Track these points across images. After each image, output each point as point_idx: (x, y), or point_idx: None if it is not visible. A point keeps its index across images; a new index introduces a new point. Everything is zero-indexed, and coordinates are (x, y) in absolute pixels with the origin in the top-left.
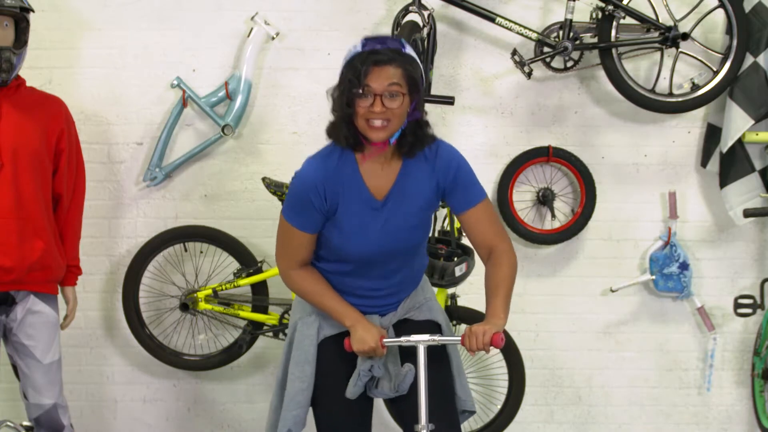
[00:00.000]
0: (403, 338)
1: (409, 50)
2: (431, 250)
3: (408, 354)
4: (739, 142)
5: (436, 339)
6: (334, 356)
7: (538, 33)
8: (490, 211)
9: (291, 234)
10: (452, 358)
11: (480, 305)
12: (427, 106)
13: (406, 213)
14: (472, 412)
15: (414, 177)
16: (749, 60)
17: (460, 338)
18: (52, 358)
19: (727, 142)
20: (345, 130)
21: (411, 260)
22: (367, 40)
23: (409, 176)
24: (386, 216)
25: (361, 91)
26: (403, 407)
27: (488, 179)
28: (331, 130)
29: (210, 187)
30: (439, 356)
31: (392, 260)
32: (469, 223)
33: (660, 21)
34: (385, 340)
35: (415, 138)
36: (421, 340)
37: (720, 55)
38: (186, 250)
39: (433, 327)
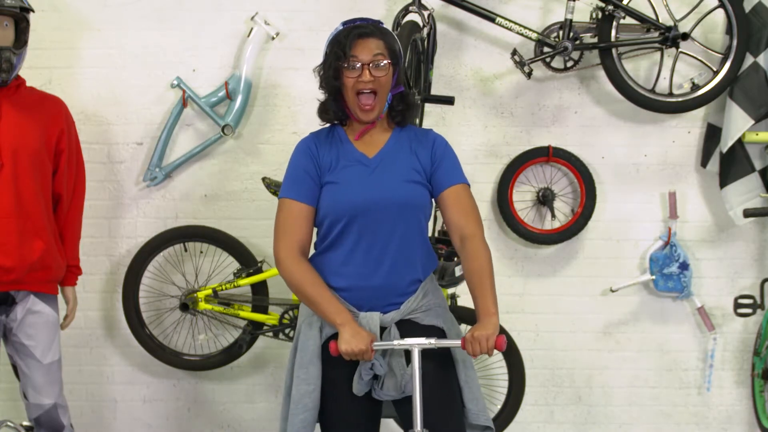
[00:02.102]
0: (396, 341)
1: (386, 27)
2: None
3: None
4: (739, 142)
5: (432, 342)
6: (339, 357)
7: (538, 33)
8: (469, 199)
9: (288, 209)
10: (460, 369)
11: None
12: (427, 106)
13: (397, 168)
14: (488, 428)
15: (404, 144)
16: (749, 60)
17: (459, 342)
18: (52, 358)
19: (727, 142)
20: (333, 106)
21: (408, 229)
22: (348, 20)
23: (400, 143)
24: (377, 168)
25: (347, 63)
26: (407, 410)
27: (488, 179)
28: (321, 109)
29: (210, 187)
30: (444, 363)
31: (386, 216)
32: (446, 203)
33: (660, 21)
34: (375, 343)
35: (405, 105)
36: (416, 344)
37: (720, 55)
38: (186, 250)
39: (438, 333)
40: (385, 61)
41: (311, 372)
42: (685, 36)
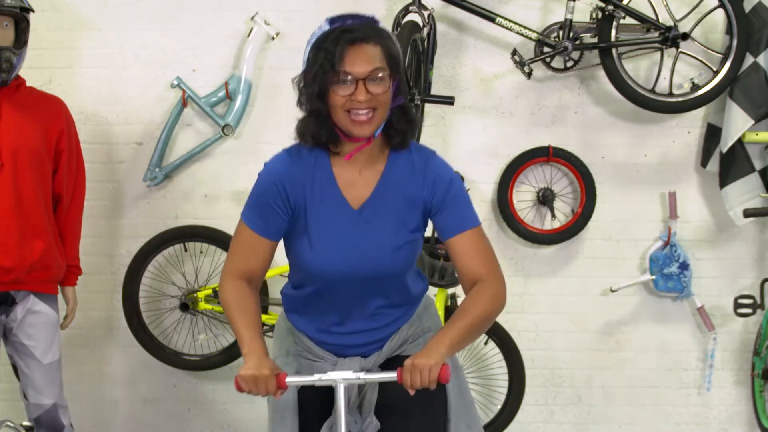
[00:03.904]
0: (315, 376)
1: (383, 25)
2: (431, 250)
3: (386, 392)
4: (739, 142)
5: (361, 376)
6: (317, 404)
7: (538, 33)
8: (484, 242)
9: (244, 236)
10: (452, 399)
11: None
12: (427, 106)
13: (385, 229)
14: None
15: (398, 186)
16: (749, 60)
17: (395, 374)
18: (52, 358)
19: (727, 142)
20: (315, 127)
21: (394, 293)
22: (335, 18)
23: (392, 184)
24: (362, 229)
25: (337, 78)
26: None
27: (488, 179)
28: (301, 131)
29: (210, 187)
30: (427, 399)
31: (368, 289)
32: (456, 251)
33: (660, 21)
34: (288, 378)
35: (406, 124)
36: (340, 378)
37: (720, 55)
38: (186, 250)
39: None
40: (385, 74)
41: (287, 418)
42: (685, 36)
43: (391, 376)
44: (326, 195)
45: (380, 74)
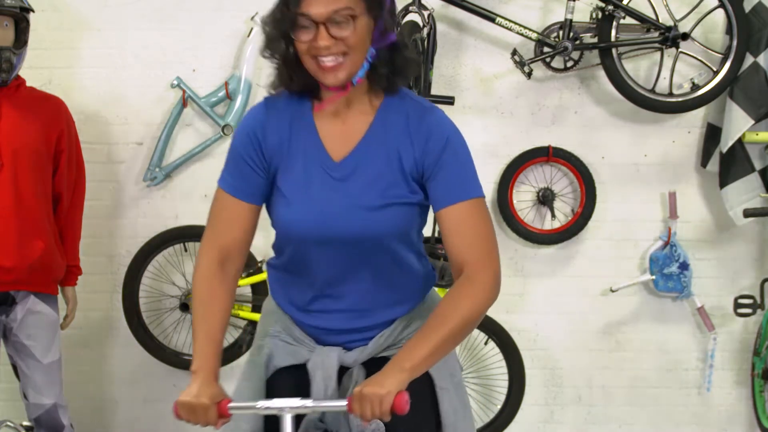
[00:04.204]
0: (260, 403)
1: None
2: (431, 250)
3: None
4: (739, 142)
5: (309, 405)
6: (288, 395)
7: (538, 33)
8: (477, 219)
9: (220, 202)
10: (445, 412)
11: None
12: None
13: (367, 186)
14: None
15: (387, 140)
16: (749, 60)
17: (345, 403)
18: (52, 358)
19: (727, 142)
20: (287, 74)
21: (383, 270)
22: None
23: (381, 138)
24: (340, 184)
25: (296, 21)
26: None
27: (488, 179)
28: (282, 78)
29: (210, 187)
30: (421, 416)
31: (349, 259)
32: (443, 228)
33: (660, 21)
34: (231, 405)
35: (393, 67)
36: (286, 407)
37: (720, 55)
38: (186, 250)
39: (419, 379)
40: (350, 15)
41: (241, 428)
42: (685, 36)
43: (341, 404)
44: (305, 146)
45: (346, 14)
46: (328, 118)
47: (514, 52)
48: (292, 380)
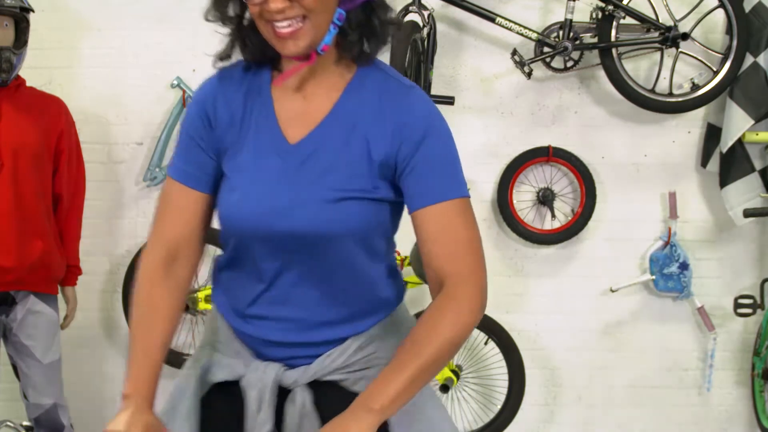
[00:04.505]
0: None
1: None
2: None
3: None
4: (739, 142)
5: None
6: (222, 415)
7: (538, 33)
8: (460, 223)
9: (169, 193)
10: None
11: None
12: None
13: (325, 174)
14: None
15: (356, 123)
16: (749, 60)
17: None
18: (52, 358)
19: (727, 142)
20: (240, 41)
21: (337, 277)
22: None
23: (349, 119)
24: (293, 170)
25: None
26: None
27: (488, 179)
28: (227, 44)
29: None
30: None
31: (296, 258)
32: (420, 234)
33: (660, 21)
34: None
35: (368, 31)
36: None
37: (720, 55)
38: None
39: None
40: None
41: (185, 430)
42: (685, 36)
43: None
44: (258, 125)
45: None
46: (288, 92)
47: (514, 52)
48: (227, 400)
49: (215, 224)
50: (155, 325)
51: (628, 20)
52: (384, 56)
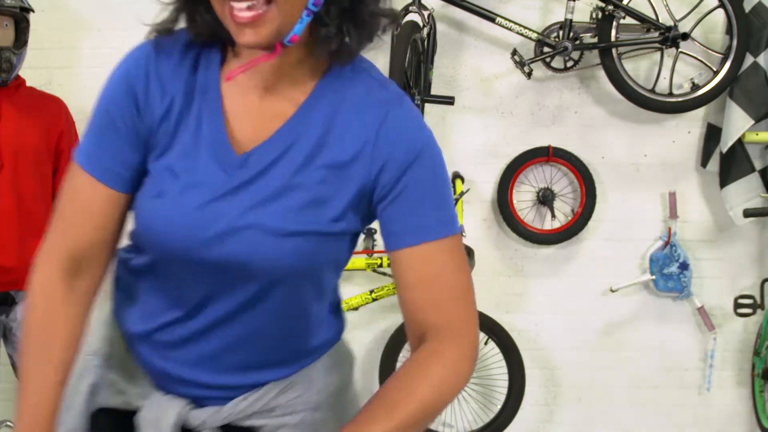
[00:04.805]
0: None
1: None
2: None
3: None
4: (739, 142)
5: None
6: None
7: (538, 33)
8: (460, 267)
9: (75, 186)
10: None
11: (480, 305)
12: (427, 106)
13: (277, 198)
14: None
15: (324, 135)
16: (749, 60)
17: None
18: None
19: (727, 142)
20: (188, 13)
21: (269, 319)
22: None
23: (314, 130)
24: (236, 187)
25: None
26: None
27: (488, 179)
28: (171, 13)
29: None
30: None
31: (223, 289)
32: (411, 274)
33: (660, 21)
34: None
35: (351, 21)
36: None
37: (720, 55)
38: None
39: None
40: None
41: None
42: (685, 36)
43: None
44: (201, 121)
45: None
46: (242, 86)
47: (514, 52)
48: (118, 428)
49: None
50: (53, 353)
51: (628, 20)
52: (384, 57)
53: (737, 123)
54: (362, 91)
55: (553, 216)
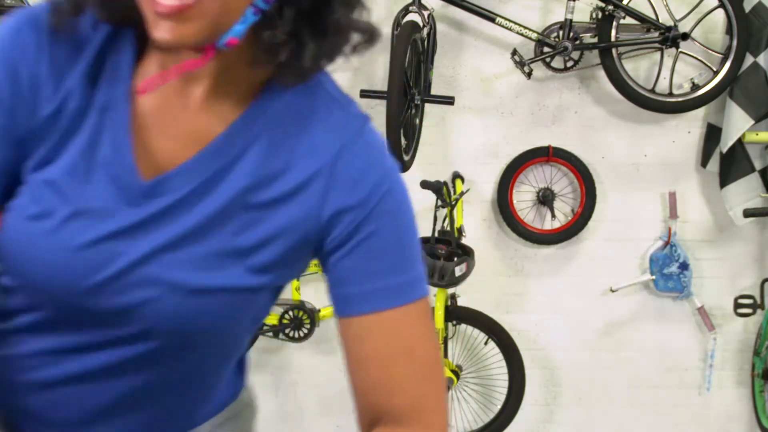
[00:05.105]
0: None
1: None
2: (430, 250)
3: None
4: (739, 142)
5: None
6: None
7: (538, 33)
8: (428, 336)
9: None
10: None
11: (480, 305)
12: (427, 106)
13: (188, 245)
14: None
15: (260, 163)
16: (749, 60)
17: None
18: None
19: (727, 142)
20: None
21: (167, 375)
22: None
23: (247, 156)
24: (138, 224)
25: None
26: None
27: (488, 179)
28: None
29: None
30: None
31: (110, 339)
32: (368, 345)
33: (660, 21)
34: None
35: (311, 29)
36: None
37: (720, 55)
38: None
39: None
40: None
41: None
42: (685, 36)
43: None
44: (102, 128)
45: None
46: (160, 90)
47: (514, 52)
48: None
49: None
50: None
51: (628, 20)
52: (384, 57)
53: (737, 123)
54: (315, 110)
55: (553, 216)
